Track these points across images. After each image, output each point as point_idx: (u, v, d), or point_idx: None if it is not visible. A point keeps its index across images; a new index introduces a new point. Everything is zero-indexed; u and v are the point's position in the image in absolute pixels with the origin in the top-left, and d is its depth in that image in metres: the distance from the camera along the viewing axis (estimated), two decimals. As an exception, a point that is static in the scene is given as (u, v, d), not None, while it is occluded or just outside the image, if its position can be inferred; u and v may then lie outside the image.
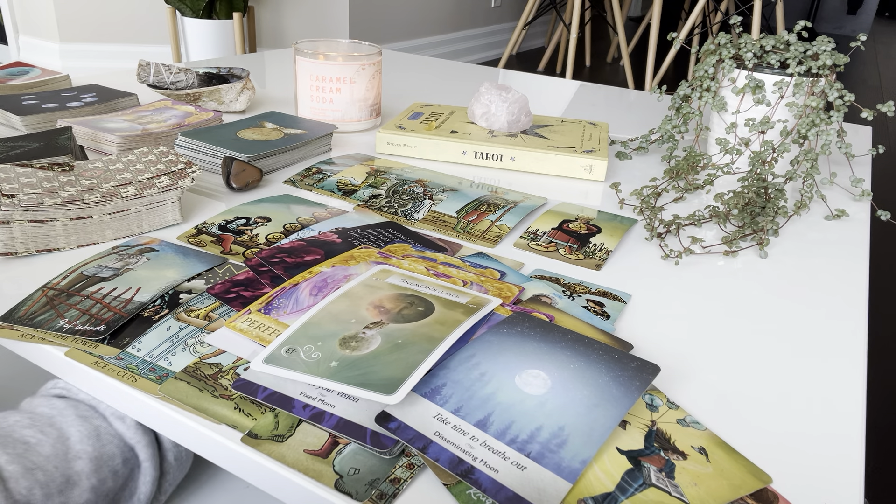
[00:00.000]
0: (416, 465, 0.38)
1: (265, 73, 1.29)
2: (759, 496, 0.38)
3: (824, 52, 0.80)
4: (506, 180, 0.83)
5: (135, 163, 0.66)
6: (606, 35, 4.96)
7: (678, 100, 0.92)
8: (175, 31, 2.42)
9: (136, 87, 1.11)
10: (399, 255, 0.59)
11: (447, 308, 0.50)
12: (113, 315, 0.49)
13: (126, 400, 0.44)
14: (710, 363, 0.50)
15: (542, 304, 0.54)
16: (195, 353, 0.46)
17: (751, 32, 2.94)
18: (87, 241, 0.60)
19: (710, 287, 0.61)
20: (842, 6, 6.33)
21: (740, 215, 0.72)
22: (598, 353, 0.47)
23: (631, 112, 1.18)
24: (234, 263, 0.58)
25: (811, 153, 0.78)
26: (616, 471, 0.38)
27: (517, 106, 0.90)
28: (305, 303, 0.51)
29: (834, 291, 0.62)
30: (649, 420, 0.42)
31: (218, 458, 0.41)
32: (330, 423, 0.40)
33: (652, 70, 3.02)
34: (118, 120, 0.85)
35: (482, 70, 1.47)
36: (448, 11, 3.47)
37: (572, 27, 2.91)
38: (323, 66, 0.92)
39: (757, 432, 0.43)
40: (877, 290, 1.71)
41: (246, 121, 0.89)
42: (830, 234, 0.74)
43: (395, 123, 0.91)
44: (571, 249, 0.65)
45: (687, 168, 0.83)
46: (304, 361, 0.44)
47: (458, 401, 0.41)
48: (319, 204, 0.71)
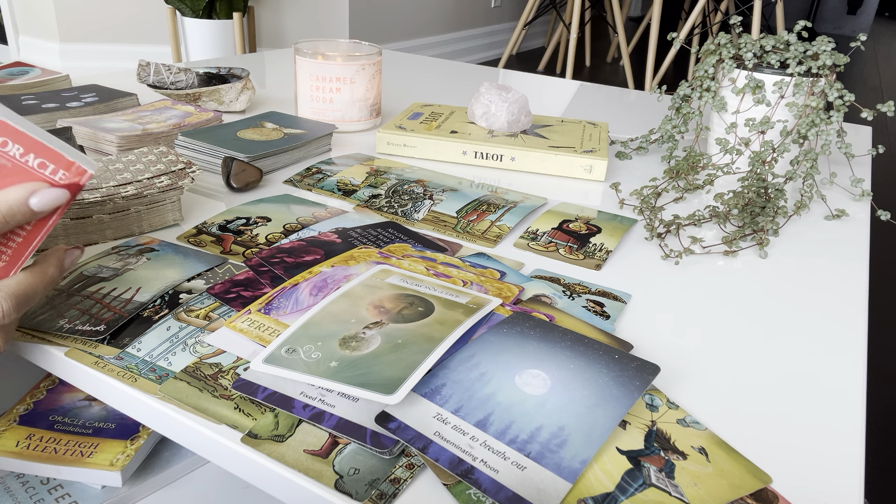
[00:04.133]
0: (416, 465, 0.38)
1: (265, 73, 1.29)
2: (759, 496, 0.38)
3: (824, 52, 0.80)
4: (506, 180, 0.83)
5: (135, 163, 0.66)
6: (606, 35, 4.96)
7: (678, 100, 0.92)
8: (175, 31, 2.42)
9: (136, 87, 1.11)
10: (399, 255, 0.59)
11: (447, 308, 0.50)
12: (113, 315, 0.49)
13: (126, 400, 0.44)
14: (710, 363, 0.50)
15: (542, 304, 0.54)
16: (195, 353, 0.46)
17: (751, 32, 2.94)
18: (87, 241, 0.60)
19: (711, 287, 0.61)
20: (842, 6, 6.33)
21: (740, 215, 0.72)
22: (598, 353, 0.47)
23: (631, 112, 1.18)
24: (234, 263, 0.58)
25: (811, 153, 0.78)
26: (616, 471, 0.38)
27: (517, 106, 0.90)
28: (305, 303, 0.51)
29: (834, 291, 0.62)
30: (649, 420, 0.42)
31: (218, 458, 0.41)
32: (330, 423, 0.40)
33: (652, 70, 3.02)
34: (118, 120, 0.85)
35: (482, 70, 1.47)
36: (448, 11, 3.47)
37: (572, 27, 2.91)
38: (323, 66, 0.92)
39: (757, 432, 0.43)
40: (877, 290, 1.71)
41: (246, 121, 0.89)
42: (830, 234, 0.74)
43: (395, 123, 0.91)
44: (571, 249, 0.65)
45: (687, 168, 0.83)
46: (304, 361, 0.44)
47: (458, 401, 0.41)
48: (319, 204, 0.71)
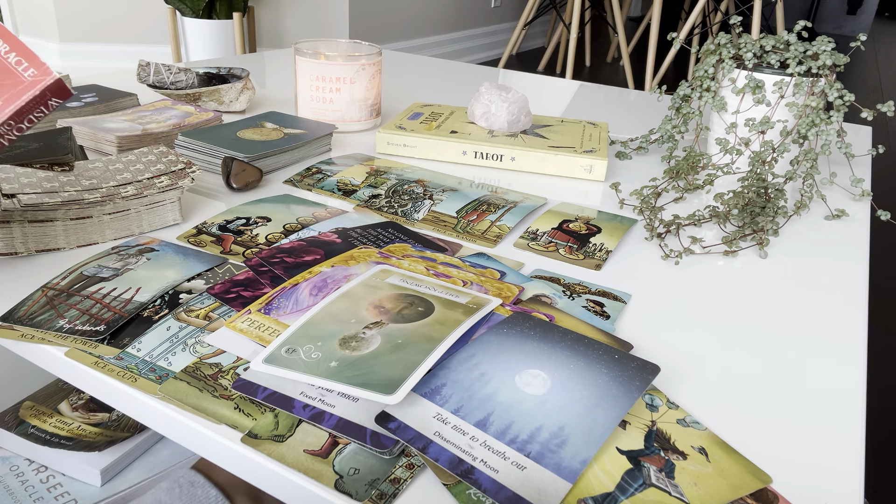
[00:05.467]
0: (416, 465, 0.38)
1: (265, 73, 1.29)
2: (759, 496, 0.38)
3: (824, 52, 0.80)
4: (506, 180, 0.83)
5: (135, 163, 0.66)
6: (606, 35, 4.96)
7: (678, 100, 0.92)
8: (175, 31, 2.42)
9: (136, 87, 1.11)
10: (399, 255, 0.59)
11: (447, 308, 0.50)
12: (113, 315, 0.49)
13: (126, 400, 0.44)
14: (710, 363, 0.50)
15: (542, 304, 0.54)
16: (195, 353, 0.46)
17: (751, 32, 2.94)
18: (87, 241, 0.60)
19: (711, 287, 0.61)
20: (842, 6, 6.33)
21: (740, 215, 0.72)
22: (598, 353, 0.47)
23: (631, 112, 1.18)
24: (233, 263, 0.58)
25: (811, 153, 0.78)
26: (616, 471, 0.38)
27: (517, 106, 0.90)
28: (305, 303, 0.51)
29: (834, 291, 0.62)
30: (649, 420, 0.42)
31: (218, 458, 0.41)
32: (330, 423, 0.40)
33: (652, 70, 3.02)
34: (118, 120, 0.85)
35: (482, 70, 1.47)
36: (448, 11, 3.47)
37: (572, 27, 2.91)
38: (323, 66, 0.92)
39: (757, 432, 0.43)
40: (877, 290, 1.71)
41: (246, 121, 0.89)
42: (830, 234, 0.74)
43: (395, 123, 0.91)
44: (571, 249, 0.65)
45: (687, 168, 0.83)
46: (304, 361, 0.44)
47: (458, 401, 0.41)
48: (319, 204, 0.71)
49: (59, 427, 0.71)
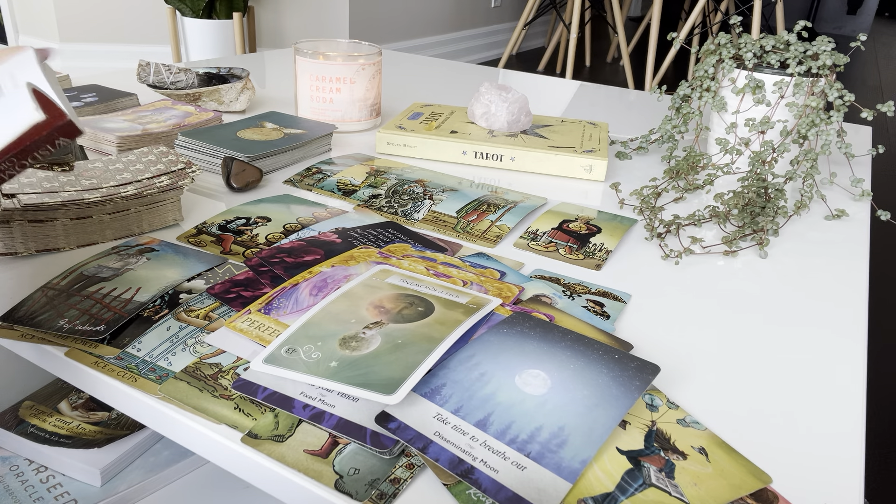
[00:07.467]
0: (416, 465, 0.38)
1: (265, 73, 1.29)
2: (759, 496, 0.38)
3: (824, 52, 0.80)
4: (506, 180, 0.83)
5: (135, 163, 0.66)
6: (606, 35, 4.96)
7: (678, 100, 0.92)
8: (175, 31, 2.42)
9: (136, 87, 1.11)
10: (399, 255, 0.59)
11: (447, 308, 0.50)
12: (113, 315, 0.49)
13: (126, 400, 0.44)
14: (710, 363, 0.50)
15: (542, 304, 0.54)
16: (195, 353, 0.46)
17: (751, 32, 2.94)
18: (87, 241, 0.60)
19: (711, 287, 0.61)
20: (842, 6, 6.33)
21: (740, 215, 0.72)
22: (598, 353, 0.47)
23: (631, 112, 1.18)
24: (234, 263, 0.58)
25: (811, 153, 0.78)
26: (616, 471, 0.38)
27: (517, 106, 0.90)
28: (305, 303, 0.51)
29: (834, 291, 0.62)
30: (649, 420, 0.42)
31: (218, 458, 0.41)
32: (330, 423, 0.40)
33: (652, 70, 3.02)
34: (118, 120, 0.85)
35: (482, 70, 1.47)
36: (448, 11, 3.47)
37: (572, 27, 2.91)
38: (323, 66, 0.92)
39: (757, 432, 0.43)
40: (876, 290, 1.71)
41: (246, 121, 0.89)
42: (830, 234, 0.74)
43: (395, 123, 0.91)
44: (571, 249, 0.65)
45: (687, 168, 0.83)
46: (304, 361, 0.44)
47: (458, 401, 0.41)
48: (319, 204, 0.71)
49: (59, 426, 0.71)
